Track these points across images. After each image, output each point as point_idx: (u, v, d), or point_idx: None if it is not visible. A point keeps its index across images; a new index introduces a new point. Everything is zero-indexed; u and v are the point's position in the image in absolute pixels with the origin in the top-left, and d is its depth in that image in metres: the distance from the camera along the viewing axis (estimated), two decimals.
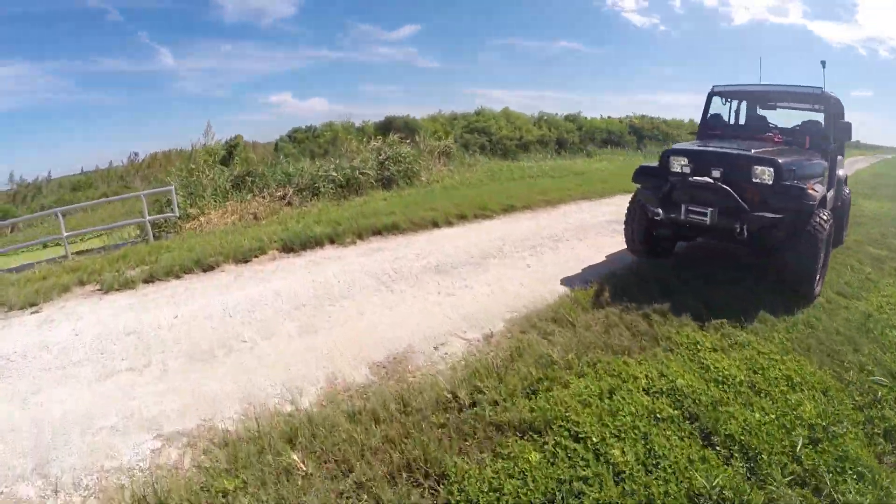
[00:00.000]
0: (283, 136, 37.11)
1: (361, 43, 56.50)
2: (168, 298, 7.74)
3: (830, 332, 5.50)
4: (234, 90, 58.03)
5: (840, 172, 7.85)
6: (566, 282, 7.40)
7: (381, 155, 18.28)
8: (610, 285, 6.86)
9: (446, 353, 5.31)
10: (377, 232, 10.84)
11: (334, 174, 15.83)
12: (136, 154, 44.68)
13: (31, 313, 8.04)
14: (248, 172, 15.23)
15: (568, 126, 34.31)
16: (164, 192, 12.79)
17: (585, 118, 36.36)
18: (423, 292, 7.15)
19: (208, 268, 8.97)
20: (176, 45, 54.79)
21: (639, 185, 7.35)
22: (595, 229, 11.08)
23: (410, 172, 18.40)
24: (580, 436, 3.57)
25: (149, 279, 8.64)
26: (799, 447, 3.52)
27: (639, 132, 37.20)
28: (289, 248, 9.84)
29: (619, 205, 13.54)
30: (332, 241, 10.26)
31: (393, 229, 11.01)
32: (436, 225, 11.54)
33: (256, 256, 9.49)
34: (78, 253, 11.54)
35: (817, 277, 6.27)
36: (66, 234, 11.28)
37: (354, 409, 4.11)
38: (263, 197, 14.16)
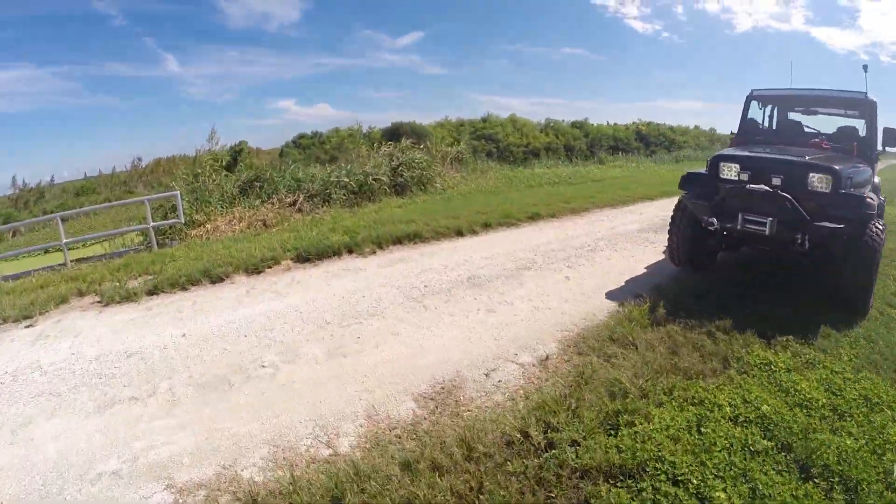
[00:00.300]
0: (288, 142, 37.42)
1: (366, 49, 56.74)
2: (174, 314, 7.11)
3: (893, 347, 5.26)
4: (240, 96, 58.24)
5: (875, 180, 7.50)
6: (612, 296, 6.97)
7: (393, 161, 17.67)
8: (662, 299, 6.31)
9: (500, 381, 4.77)
10: (397, 241, 10.23)
11: (346, 180, 15.21)
12: (139, 159, 44.84)
13: (26, 327, 7.52)
14: (257, 178, 14.64)
15: (575, 133, 34.19)
16: (168, 197, 12.17)
17: (592, 125, 36.31)
18: (459, 309, 6.57)
19: (217, 279, 8.36)
20: (181, 51, 55.64)
21: (685, 193, 7.10)
22: (626, 238, 10.47)
23: (424, 179, 17.83)
24: (678, 478, 3.19)
25: (153, 291, 8.05)
26: (894, 474, 3.31)
27: (645, 139, 37.01)
28: (304, 259, 9.23)
29: (642, 212, 13.09)
30: (350, 251, 9.65)
31: (414, 238, 10.40)
32: (459, 234, 10.94)
33: (269, 267, 8.88)
34: (78, 260, 10.95)
35: (873, 290, 6.02)
36: (65, 240, 10.70)
37: (407, 454, 3.48)
38: (272, 203, 13.55)
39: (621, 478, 3.21)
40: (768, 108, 8.49)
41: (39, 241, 27.00)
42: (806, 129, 8.02)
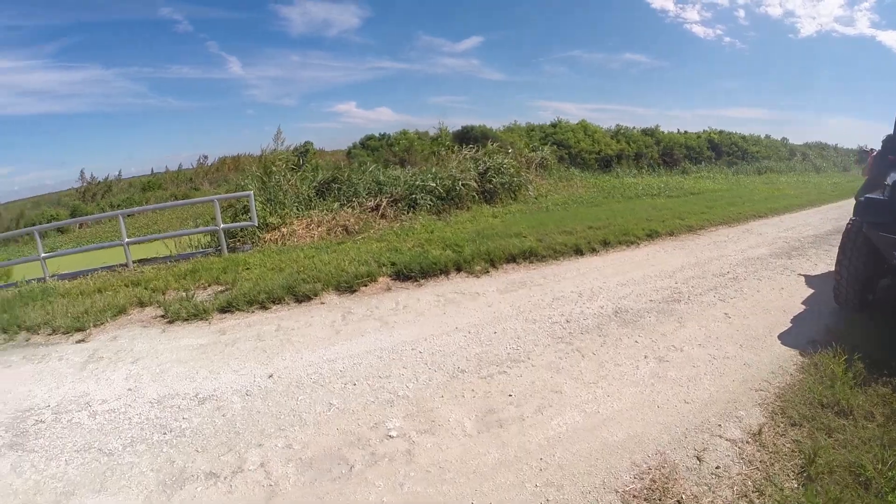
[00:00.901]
0: (355, 143, 36.63)
1: (426, 54, 57.40)
2: (254, 342, 5.85)
3: None
4: (301, 99, 60.40)
5: None
6: (786, 340, 5.80)
7: (479, 165, 16.19)
8: (848, 348, 4.99)
9: (718, 468, 3.70)
10: (511, 259, 8.74)
11: (433, 185, 13.78)
12: (205, 157, 45.99)
13: (77, 342, 6.56)
14: (334, 179, 13.43)
15: (646, 140, 32.51)
16: (240, 197, 10.99)
17: (663, 132, 34.51)
18: (623, 356, 5.32)
19: (304, 297, 7.08)
20: (244, 55, 58.64)
21: (861, 222, 6.07)
22: (762, 265, 8.85)
23: (514, 185, 16.28)
24: None
25: (226, 308, 6.84)
26: None
27: (717, 148, 34.68)
28: (405, 276, 7.86)
29: (761, 233, 11.72)
30: (458, 269, 8.23)
31: (529, 256, 8.92)
32: (579, 252, 9.40)
33: (365, 285, 7.55)
34: (140, 261, 9.98)
35: None
36: (127, 240, 9.60)
37: None
38: (352, 207, 12.23)
39: None
40: None
41: (104, 234, 27.17)
42: None
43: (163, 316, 6.84)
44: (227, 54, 58.59)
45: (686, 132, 35.78)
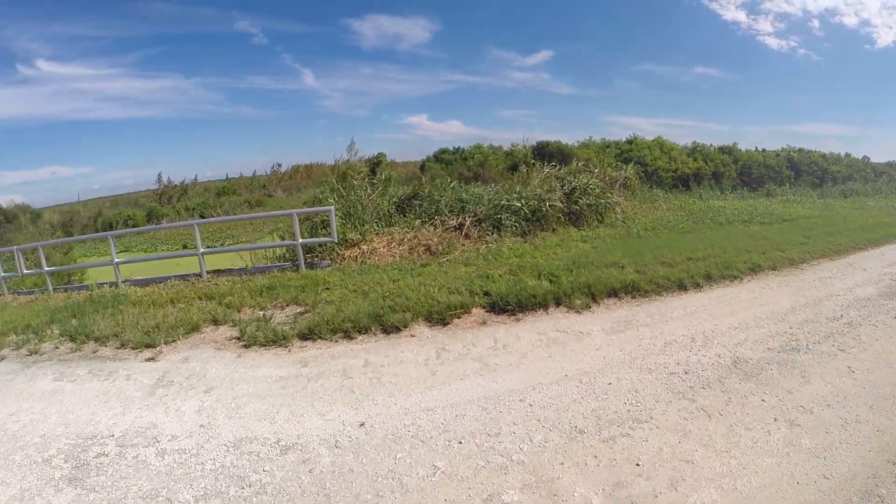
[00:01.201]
0: (429, 157, 37.13)
1: (496, 67, 57.81)
2: (340, 379, 5.31)
3: None
4: (373, 110, 61.87)
5: None
6: None
7: (564, 184, 15.33)
8: None
9: None
10: (613, 293, 7.84)
11: (518, 204, 13.03)
12: (278, 165, 47.34)
13: (146, 360, 6.27)
14: (415, 194, 12.84)
15: (723, 159, 30.60)
16: (321, 212, 10.58)
17: (741, 150, 32.34)
18: (751, 418, 4.70)
19: (392, 328, 6.47)
20: (317, 67, 61.75)
21: None
22: (874, 308, 7.72)
23: (601, 207, 15.30)
24: None
25: (307, 334, 6.32)
26: None
27: (796, 167, 32.18)
28: (500, 308, 7.13)
29: (865, 268, 10.47)
30: (557, 302, 7.39)
31: (631, 290, 7.98)
32: (682, 287, 8.42)
33: (458, 317, 6.88)
34: (215, 272, 9.71)
35: None
36: (202, 250, 9.34)
37: None
38: (434, 225, 11.61)
39: None
40: None
41: (178, 237, 27.84)
42: None
43: (238, 338, 6.39)
44: (300, 66, 61.21)
45: (764, 150, 33.99)
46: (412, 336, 6.41)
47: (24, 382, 6.08)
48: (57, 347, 7.04)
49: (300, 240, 9.43)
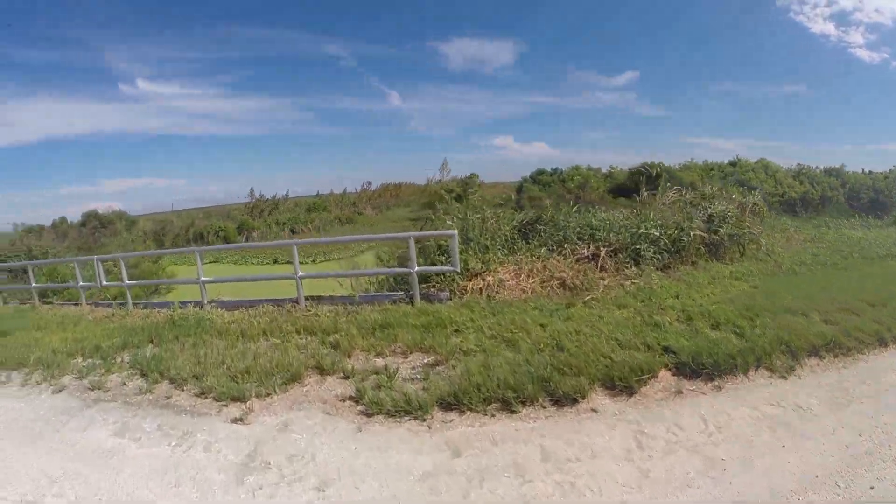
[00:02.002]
0: (525, 178, 35.23)
1: (581, 89, 57.04)
2: (514, 481, 3.78)
3: None
4: (459, 131, 63.19)
5: None
6: None
7: (700, 211, 13.15)
8: None
9: None
10: (813, 350, 5.82)
11: (656, 233, 11.00)
12: (368, 183, 47.89)
13: (232, 420, 4.80)
14: (538, 218, 11.01)
15: (831, 181, 27.29)
16: (442, 236, 8.89)
17: (848, 172, 29.00)
18: None
19: (565, 398, 4.57)
20: (404, 88, 64.79)
21: None
22: None
23: (743, 237, 13.01)
24: None
25: (450, 402, 4.42)
26: None
27: None
28: (692, 371, 5.19)
29: None
30: (755, 363, 5.40)
31: (833, 347, 5.97)
32: (882, 342, 6.32)
33: (644, 382, 4.91)
34: (314, 299, 8.10)
35: None
36: (300, 273, 7.91)
37: None
38: (563, 255, 9.74)
39: None
40: None
41: (269, 252, 27.21)
42: None
43: (355, 399, 4.73)
44: (387, 88, 63.88)
45: (871, 172, 30.84)
46: (593, 411, 4.56)
47: (78, 430, 4.85)
48: (125, 383, 5.70)
49: (416, 267, 7.81)
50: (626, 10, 53.61)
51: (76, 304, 10.23)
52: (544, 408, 4.56)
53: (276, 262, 24.67)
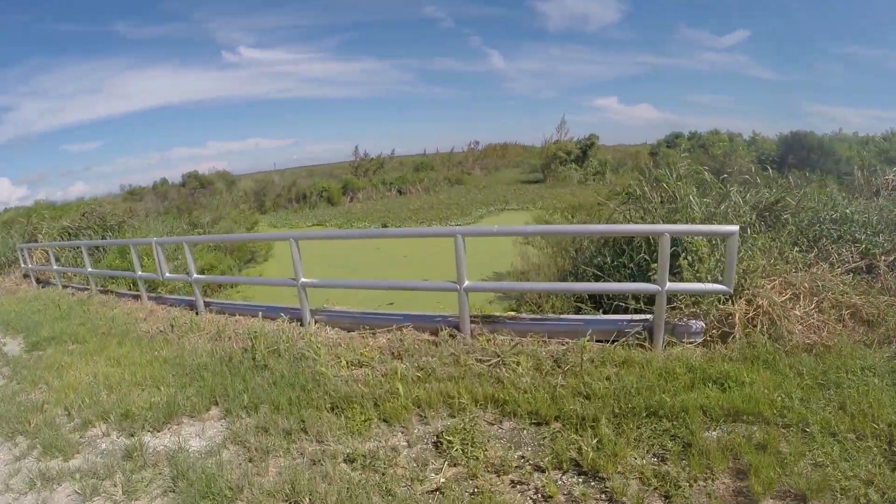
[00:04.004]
0: (660, 141, 33.26)
1: (689, 48, 52.97)
2: None
3: None
4: (560, 92, 61.60)
5: None
6: None
7: None
8: None
9: None
10: None
11: None
12: (476, 142, 45.96)
13: None
14: (776, 201, 7.39)
15: None
16: (714, 233, 5.33)
17: None
18: None
19: None
20: (505, 49, 63.90)
21: None
22: None
23: None
24: None
25: None
26: None
27: None
28: None
29: None
30: None
31: None
32: None
33: None
34: (482, 319, 4.96)
35: None
36: (467, 283, 4.81)
37: None
38: (831, 263, 6.16)
39: None
40: None
41: (376, 213, 24.90)
42: None
43: None
44: (488, 48, 63.58)
45: None
46: None
47: None
48: None
49: (667, 284, 4.59)
50: None
51: (137, 297, 7.88)
52: None
53: (384, 226, 21.82)
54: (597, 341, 4.47)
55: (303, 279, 5.28)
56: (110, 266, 10.41)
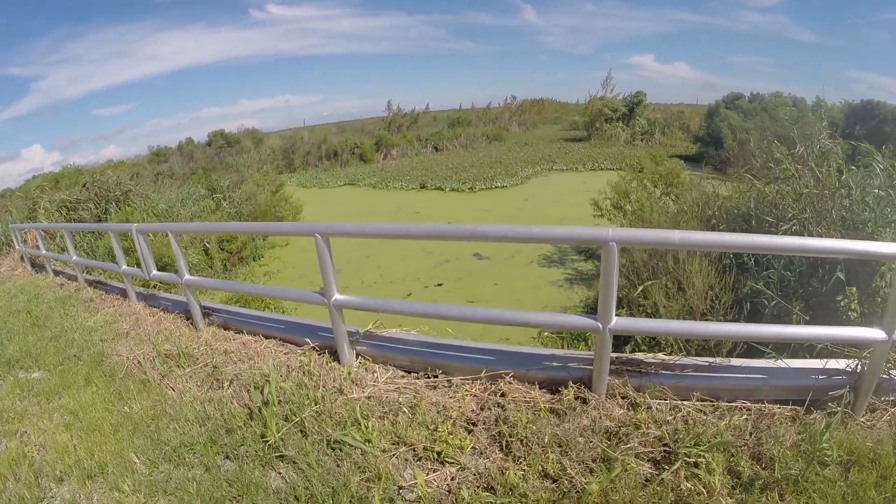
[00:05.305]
0: (719, 102, 30.64)
1: (729, 7, 51.15)
2: None
3: None
4: (596, 48, 60.44)
5: None
6: None
7: None
8: None
9: None
10: None
11: None
12: (513, 97, 44.13)
13: None
14: None
15: None
16: None
17: None
18: None
19: None
20: (539, 2, 62.74)
21: None
22: None
23: None
24: None
25: None
26: None
27: None
28: None
29: None
30: None
31: None
32: None
33: None
34: (630, 367, 3.04)
35: None
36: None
37: None
38: None
39: None
40: None
41: (408, 168, 23.98)
42: None
43: None
44: (522, 1, 63.02)
45: None
46: None
47: None
48: None
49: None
50: None
51: (124, 295, 6.23)
52: None
53: (423, 186, 20.59)
54: (774, 401, 2.67)
55: (337, 295, 3.43)
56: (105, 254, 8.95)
